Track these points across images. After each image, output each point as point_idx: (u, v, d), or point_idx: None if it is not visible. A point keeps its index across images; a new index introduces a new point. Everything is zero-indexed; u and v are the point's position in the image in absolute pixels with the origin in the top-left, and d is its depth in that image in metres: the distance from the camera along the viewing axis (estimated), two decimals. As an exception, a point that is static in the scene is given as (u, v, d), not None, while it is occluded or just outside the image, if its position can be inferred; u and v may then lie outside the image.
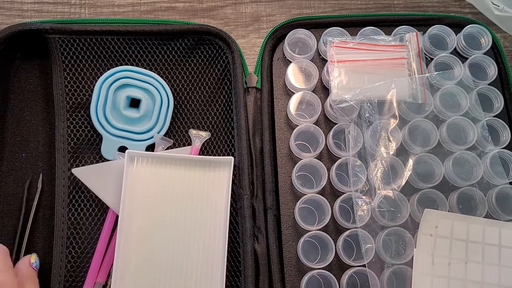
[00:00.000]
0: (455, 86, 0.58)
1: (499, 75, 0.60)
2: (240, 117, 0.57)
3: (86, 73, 0.59)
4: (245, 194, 0.55)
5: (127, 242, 0.52)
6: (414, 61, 0.59)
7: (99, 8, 0.66)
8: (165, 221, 0.53)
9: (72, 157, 0.57)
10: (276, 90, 0.59)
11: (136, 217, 0.53)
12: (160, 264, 0.52)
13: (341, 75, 0.57)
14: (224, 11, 0.67)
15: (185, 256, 0.53)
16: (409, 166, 0.55)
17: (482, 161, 0.55)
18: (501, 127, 0.57)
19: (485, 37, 0.60)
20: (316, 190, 0.54)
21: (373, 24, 0.61)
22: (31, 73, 0.60)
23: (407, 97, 0.57)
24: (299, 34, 0.60)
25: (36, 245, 0.56)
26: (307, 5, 0.68)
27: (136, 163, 0.55)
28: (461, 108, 0.57)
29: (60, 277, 0.53)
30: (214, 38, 0.60)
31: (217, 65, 0.61)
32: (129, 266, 0.52)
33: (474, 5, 0.68)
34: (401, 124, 0.56)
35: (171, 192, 0.54)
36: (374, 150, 0.55)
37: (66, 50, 0.58)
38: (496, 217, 0.54)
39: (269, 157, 0.57)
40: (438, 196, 0.54)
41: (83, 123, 0.58)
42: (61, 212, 0.55)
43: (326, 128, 0.58)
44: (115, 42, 0.59)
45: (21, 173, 0.57)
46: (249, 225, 0.54)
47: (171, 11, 0.67)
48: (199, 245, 0.53)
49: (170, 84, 0.60)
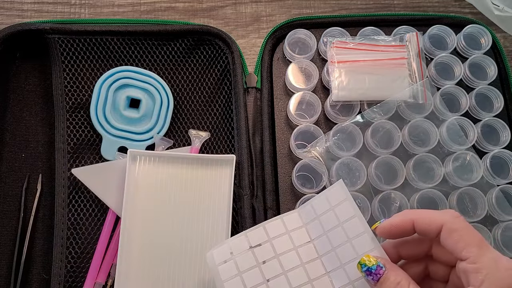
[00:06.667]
0: (454, 86, 0.58)
1: (499, 75, 0.60)
2: (240, 117, 0.57)
3: (86, 73, 0.59)
4: (245, 194, 0.55)
5: (130, 241, 0.52)
6: (414, 61, 0.59)
7: (99, 8, 0.66)
8: (168, 219, 0.54)
9: (72, 157, 0.57)
10: (276, 90, 0.59)
11: (138, 217, 0.53)
12: (163, 262, 0.52)
13: (341, 75, 0.57)
14: (224, 11, 0.67)
15: (188, 254, 0.53)
16: (409, 166, 0.55)
17: (482, 161, 0.55)
18: (501, 127, 0.57)
19: (485, 37, 0.60)
20: (316, 190, 0.54)
21: (373, 24, 0.61)
22: (30, 73, 0.60)
23: (407, 97, 0.57)
24: (299, 34, 0.60)
25: (36, 245, 0.55)
26: (307, 5, 0.68)
27: (138, 162, 0.55)
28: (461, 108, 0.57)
29: (60, 277, 0.53)
30: (214, 38, 0.60)
31: (217, 65, 0.61)
32: (132, 266, 0.52)
33: (474, 5, 0.68)
34: (401, 124, 0.56)
35: (173, 191, 0.54)
36: (374, 150, 0.55)
37: (66, 50, 0.58)
38: (496, 217, 0.54)
39: (269, 157, 0.57)
40: (438, 196, 0.54)
41: (83, 123, 0.58)
42: (61, 212, 0.55)
43: (326, 128, 0.58)
44: (115, 42, 0.59)
45: (21, 174, 0.57)
46: (249, 225, 0.54)
47: (171, 11, 0.67)
48: (202, 243, 0.53)
49: (170, 84, 0.60)
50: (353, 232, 0.42)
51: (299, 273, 0.43)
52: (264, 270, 0.43)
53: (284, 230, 0.45)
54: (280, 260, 0.44)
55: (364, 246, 0.41)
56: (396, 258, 0.41)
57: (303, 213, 0.46)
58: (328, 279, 0.43)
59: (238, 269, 0.43)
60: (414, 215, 0.38)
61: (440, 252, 0.39)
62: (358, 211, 0.43)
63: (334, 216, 0.43)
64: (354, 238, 0.42)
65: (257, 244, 0.44)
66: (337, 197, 0.44)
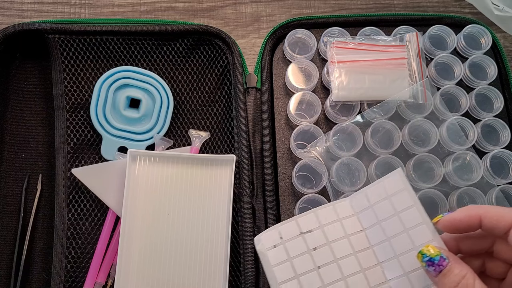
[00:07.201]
0: (455, 86, 0.58)
1: (499, 75, 0.60)
2: (240, 117, 0.57)
3: (86, 73, 0.59)
4: (245, 194, 0.55)
5: (130, 241, 0.52)
6: (414, 61, 0.59)
7: (99, 8, 0.66)
8: (168, 219, 0.54)
9: (72, 157, 0.57)
10: (276, 90, 0.59)
11: (138, 217, 0.53)
12: (163, 262, 0.52)
13: (341, 75, 0.57)
14: (224, 11, 0.67)
15: (188, 254, 0.53)
16: (409, 166, 0.55)
17: (482, 161, 0.55)
18: (501, 127, 0.57)
19: (485, 37, 0.60)
20: (316, 190, 0.54)
21: (373, 24, 0.61)
22: (30, 73, 0.60)
23: (407, 97, 0.57)
24: (299, 34, 0.60)
25: (36, 245, 0.55)
26: (307, 5, 0.68)
27: (139, 162, 0.55)
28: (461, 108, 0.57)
29: (60, 277, 0.53)
30: (214, 38, 0.60)
31: (217, 65, 0.61)
32: (132, 264, 0.52)
33: (474, 5, 0.68)
34: (401, 124, 0.56)
35: (173, 191, 0.54)
36: (374, 150, 0.55)
37: (65, 50, 0.58)
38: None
39: (269, 157, 0.57)
40: (438, 196, 0.54)
41: (83, 123, 0.58)
42: (61, 212, 0.55)
43: (326, 128, 0.58)
44: (115, 42, 0.59)
45: (21, 174, 0.57)
46: (249, 225, 0.54)
47: (171, 11, 0.67)
48: (202, 243, 0.53)
49: (170, 84, 0.60)
50: (410, 222, 0.40)
51: (351, 261, 0.42)
52: (315, 257, 0.42)
53: (336, 217, 0.44)
54: (331, 248, 0.42)
55: (422, 237, 0.39)
56: (455, 252, 0.39)
57: (355, 201, 0.44)
58: (380, 270, 0.41)
59: (288, 254, 0.42)
60: (481, 210, 0.36)
61: (504, 250, 0.37)
62: (417, 201, 0.41)
63: (390, 205, 0.42)
64: (412, 229, 0.40)
65: (308, 230, 0.43)
66: (395, 186, 0.42)
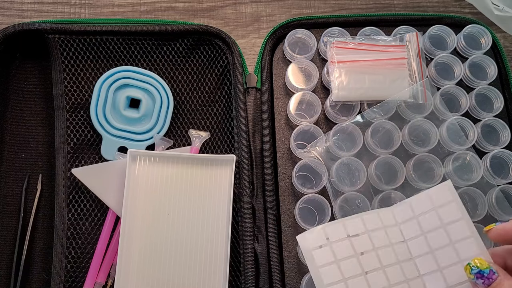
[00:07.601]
0: (455, 86, 0.58)
1: (499, 75, 0.60)
2: (240, 117, 0.57)
3: (86, 73, 0.59)
4: (245, 194, 0.55)
5: (130, 241, 0.52)
6: (414, 61, 0.59)
7: (99, 8, 0.66)
8: (168, 219, 0.54)
9: (72, 157, 0.57)
10: (276, 90, 0.59)
11: (138, 217, 0.53)
12: (163, 262, 0.52)
13: (341, 75, 0.57)
14: (224, 11, 0.67)
15: (188, 254, 0.53)
16: (409, 166, 0.55)
17: (482, 161, 0.55)
18: (501, 127, 0.57)
19: (485, 37, 0.60)
20: (316, 190, 0.54)
21: (373, 24, 0.61)
22: (30, 73, 0.60)
23: (407, 97, 0.57)
24: (299, 34, 0.60)
25: (36, 245, 0.55)
26: (307, 5, 0.68)
27: (139, 162, 0.55)
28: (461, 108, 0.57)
29: (60, 277, 0.53)
30: (214, 38, 0.60)
31: (217, 65, 0.61)
32: (132, 264, 0.52)
33: (474, 5, 0.68)
34: (401, 124, 0.56)
35: (173, 191, 0.54)
36: (374, 150, 0.55)
37: (65, 50, 0.58)
38: (496, 217, 0.54)
39: (269, 157, 0.57)
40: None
41: (83, 123, 0.58)
42: (61, 212, 0.55)
43: (326, 128, 0.58)
44: (115, 43, 0.59)
45: (21, 174, 0.57)
46: (249, 225, 0.54)
47: (171, 11, 0.67)
48: (202, 243, 0.53)
49: (170, 84, 0.60)
50: (457, 235, 0.40)
51: (395, 271, 0.41)
52: (362, 262, 0.41)
53: (381, 224, 0.43)
54: (378, 254, 0.42)
55: (469, 251, 0.39)
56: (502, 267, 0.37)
57: (397, 212, 0.44)
58: (421, 282, 0.41)
59: (335, 256, 0.41)
60: None
61: None
62: (465, 214, 0.40)
63: (436, 217, 0.41)
64: (458, 242, 0.39)
65: (355, 234, 0.42)
66: (443, 198, 0.41)
